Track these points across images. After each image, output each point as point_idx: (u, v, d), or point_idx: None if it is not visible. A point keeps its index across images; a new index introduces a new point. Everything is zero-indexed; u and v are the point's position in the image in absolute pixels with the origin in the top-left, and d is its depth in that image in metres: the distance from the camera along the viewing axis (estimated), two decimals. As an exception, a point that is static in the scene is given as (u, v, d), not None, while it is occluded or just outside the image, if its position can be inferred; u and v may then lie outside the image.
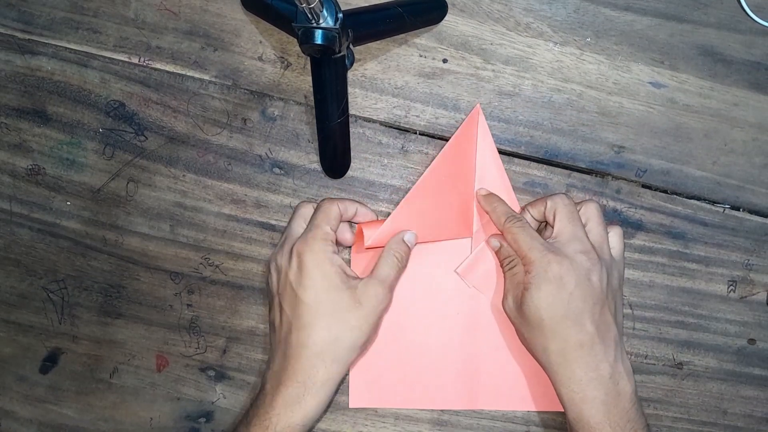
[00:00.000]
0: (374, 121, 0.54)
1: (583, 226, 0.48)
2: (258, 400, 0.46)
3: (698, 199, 0.55)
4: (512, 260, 0.49)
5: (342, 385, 0.51)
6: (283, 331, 0.47)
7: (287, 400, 0.45)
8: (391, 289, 0.48)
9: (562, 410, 0.51)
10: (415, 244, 0.50)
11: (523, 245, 0.47)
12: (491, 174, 0.52)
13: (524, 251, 0.47)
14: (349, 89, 0.52)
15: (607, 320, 0.46)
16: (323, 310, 0.45)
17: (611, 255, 0.49)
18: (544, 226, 0.51)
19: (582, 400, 0.45)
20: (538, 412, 0.53)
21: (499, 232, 0.51)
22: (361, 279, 0.47)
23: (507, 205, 0.51)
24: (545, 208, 0.49)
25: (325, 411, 0.48)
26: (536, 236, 0.48)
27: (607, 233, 0.49)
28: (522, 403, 0.53)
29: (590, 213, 0.49)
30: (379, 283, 0.47)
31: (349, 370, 0.47)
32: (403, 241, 0.49)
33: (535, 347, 0.48)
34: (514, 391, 0.52)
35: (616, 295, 0.48)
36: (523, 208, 0.52)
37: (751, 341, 0.55)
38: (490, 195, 0.51)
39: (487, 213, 0.51)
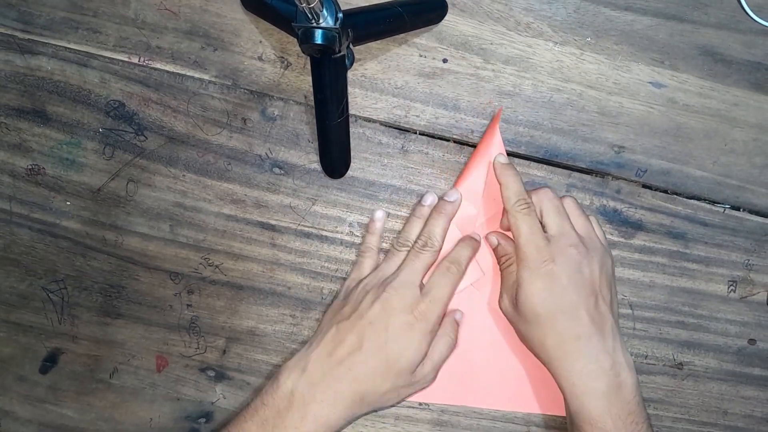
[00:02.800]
0: (374, 121, 0.54)
1: (569, 219, 0.49)
2: (280, 401, 0.45)
3: (698, 199, 0.55)
4: (509, 259, 0.50)
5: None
6: (345, 352, 0.46)
7: (318, 419, 0.45)
8: (440, 367, 0.50)
9: (551, 413, 0.51)
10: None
11: (522, 236, 0.48)
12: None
13: (521, 242, 0.48)
14: (349, 89, 0.52)
15: (602, 311, 0.46)
16: (393, 375, 0.46)
17: (600, 243, 0.49)
18: None
19: (583, 393, 0.45)
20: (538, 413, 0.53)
21: (498, 230, 0.51)
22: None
23: (521, 184, 0.50)
24: (532, 202, 0.49)
25: None
26: (537, 229, 0.48)
27: (590, 223, 0.50)
28: (512, 403, 0.53)
29: (570, 207, 0.50)
30: (433, 368, 0.49)
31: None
32: (455, 320, 0.51)
33: (534, 343, 0.48)
34: (504, 390, 0.52)
35: (610, 283, 0.48)
36: None
37: (752, 341, 0.55)
38: (508, 166, 0.51)
39: (499, 183, 0.51)
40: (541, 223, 0.48)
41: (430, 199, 0.52)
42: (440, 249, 0.50)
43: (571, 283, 0.46)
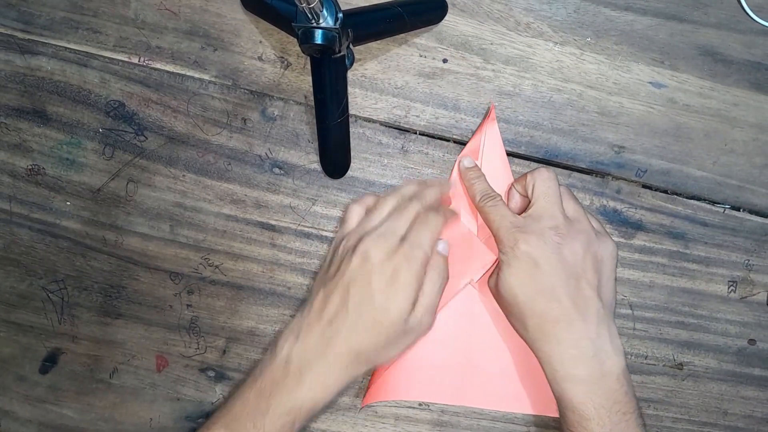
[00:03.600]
0: (374, 121, 0.54)
1: (561, 200, 0.48)
2: (276, 369, 0.44)
3: (698, 199, 0.55)
4: None
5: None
6: (332, 313, 0.44)
7: (314, 385, 0.44)
8: (436, 308, 0.47)
9: (551, 415, 0.51)
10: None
11: (493, 224, 0.48)
12: (496, 174, 0.52)
13: (494, 230, 0.48)
14: (349, 89, 0.52)
15: (586, 295, 0.45)
16: (385, 328, 0.44)
17: (590, 227, 0.48)
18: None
19: (563, 378, 0.44)
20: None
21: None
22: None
23: (486, 182, 0.51)
24: (526, 182, 0.49)
25: None
26: (507, 214, 0.48)
27: (585, 210, 0.49)
28: (512, 404, 0.52)
29: (563, 191, 0.49)
30: (426, 310, 0.45)
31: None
32: (439, 252, 0.48)
33: (517, 325, 0.48)
34: (504, 391, 0.52)
35: (600, 268, 0.47)
36: (511, 184, 0.52)
37: (752, 341, 0.55)
38: (473, 168, 0.52)
39: (465, 187, 0.51)
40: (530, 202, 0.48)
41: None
42: (429, 206, 0.48)
43: (549, 265, 0.45)
